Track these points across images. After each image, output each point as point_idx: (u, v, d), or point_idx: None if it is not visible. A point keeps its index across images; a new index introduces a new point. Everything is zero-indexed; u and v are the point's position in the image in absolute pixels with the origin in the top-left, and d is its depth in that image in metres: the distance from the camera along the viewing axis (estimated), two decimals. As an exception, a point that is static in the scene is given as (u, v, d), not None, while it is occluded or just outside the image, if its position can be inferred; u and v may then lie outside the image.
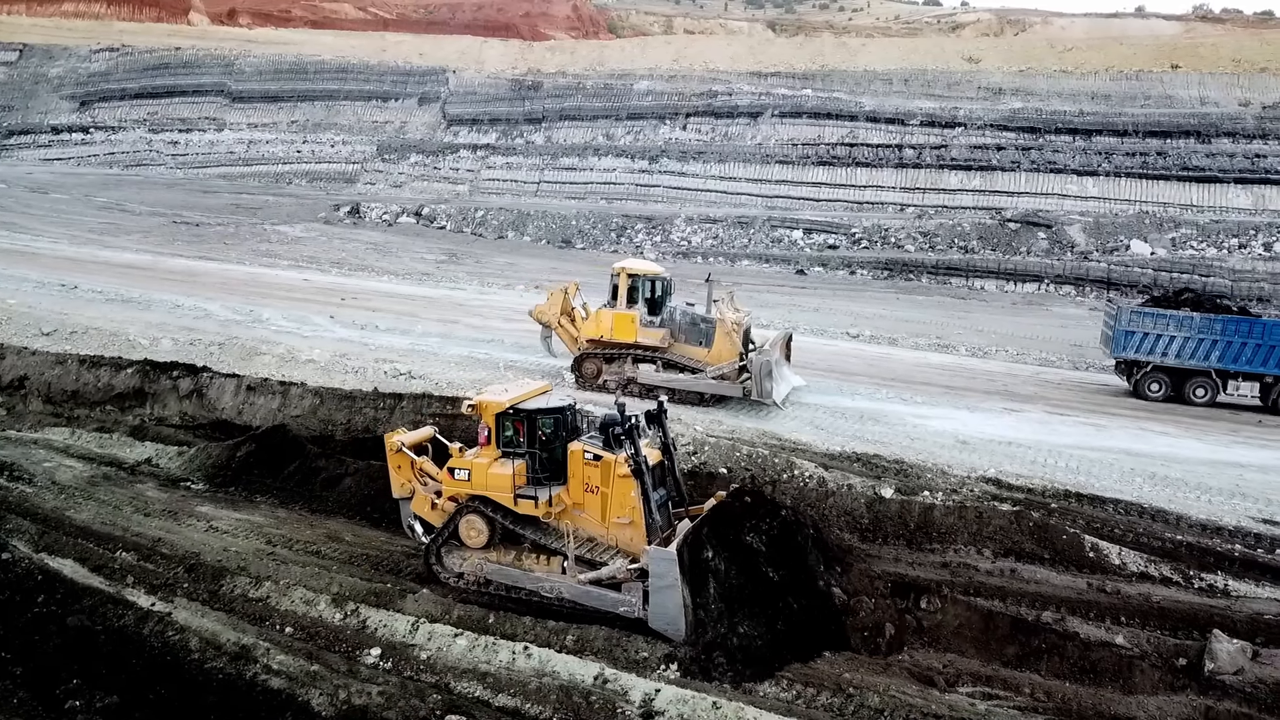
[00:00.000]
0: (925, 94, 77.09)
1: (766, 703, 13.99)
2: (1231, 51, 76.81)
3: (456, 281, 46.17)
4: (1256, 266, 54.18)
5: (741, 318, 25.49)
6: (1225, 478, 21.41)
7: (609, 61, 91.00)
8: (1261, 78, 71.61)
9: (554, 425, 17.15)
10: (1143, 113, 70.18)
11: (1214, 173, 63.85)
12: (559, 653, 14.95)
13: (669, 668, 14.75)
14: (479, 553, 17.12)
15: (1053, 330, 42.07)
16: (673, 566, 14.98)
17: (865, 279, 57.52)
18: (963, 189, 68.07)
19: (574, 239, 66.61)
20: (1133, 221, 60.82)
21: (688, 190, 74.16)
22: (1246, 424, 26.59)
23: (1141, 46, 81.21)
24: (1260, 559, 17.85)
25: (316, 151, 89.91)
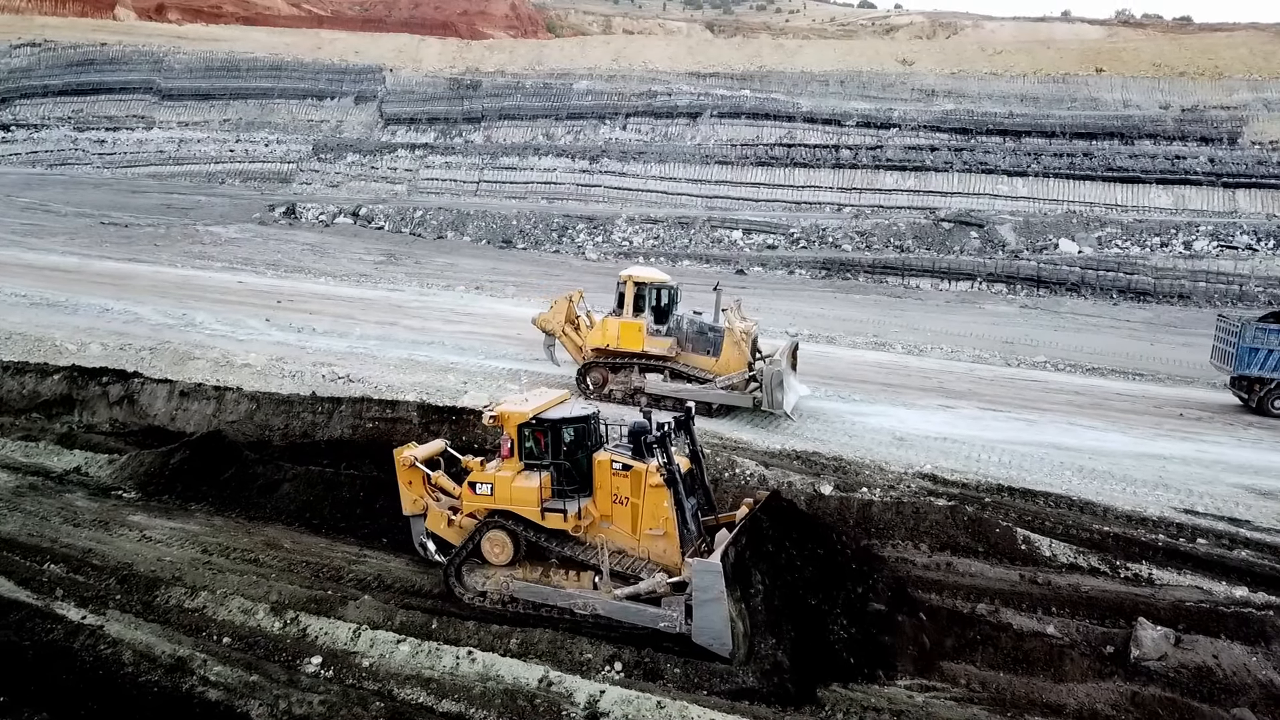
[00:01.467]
0: (861, 95, 78.31)
1: (710, 701, 14.13)
2: (1152, 56, 79.38)
3: (395, 283, 45.68)
4: (1177, 264, 56.05)
5: (749, 326, 25.03)
6: (1149, 470, 22.12)
7: (548, 61, 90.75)
8: (1180, 81, 74.15)
9: (579, 435, 16.61)
10: (1069, 115, 72.21)
11: (1137, 173, 65.94)
12: (503, 656, 14.93)
13: (613, 668, 14.82)
14: (503, 570, 16.56)
15: (985, 327, 43.04)
16: (718, 579, 14.41)
17: (804, 278, 58.23)
18: (898, 189, 69.29)
19: (515, 239, 66.30)
20: (1061, 221, 62.50)
21: (629, 190, 74.30)
22: (1169, 417, 27.51)
23: (1067, 50, 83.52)
24: (1182, 548, 18.47)
25: (250, 151, 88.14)
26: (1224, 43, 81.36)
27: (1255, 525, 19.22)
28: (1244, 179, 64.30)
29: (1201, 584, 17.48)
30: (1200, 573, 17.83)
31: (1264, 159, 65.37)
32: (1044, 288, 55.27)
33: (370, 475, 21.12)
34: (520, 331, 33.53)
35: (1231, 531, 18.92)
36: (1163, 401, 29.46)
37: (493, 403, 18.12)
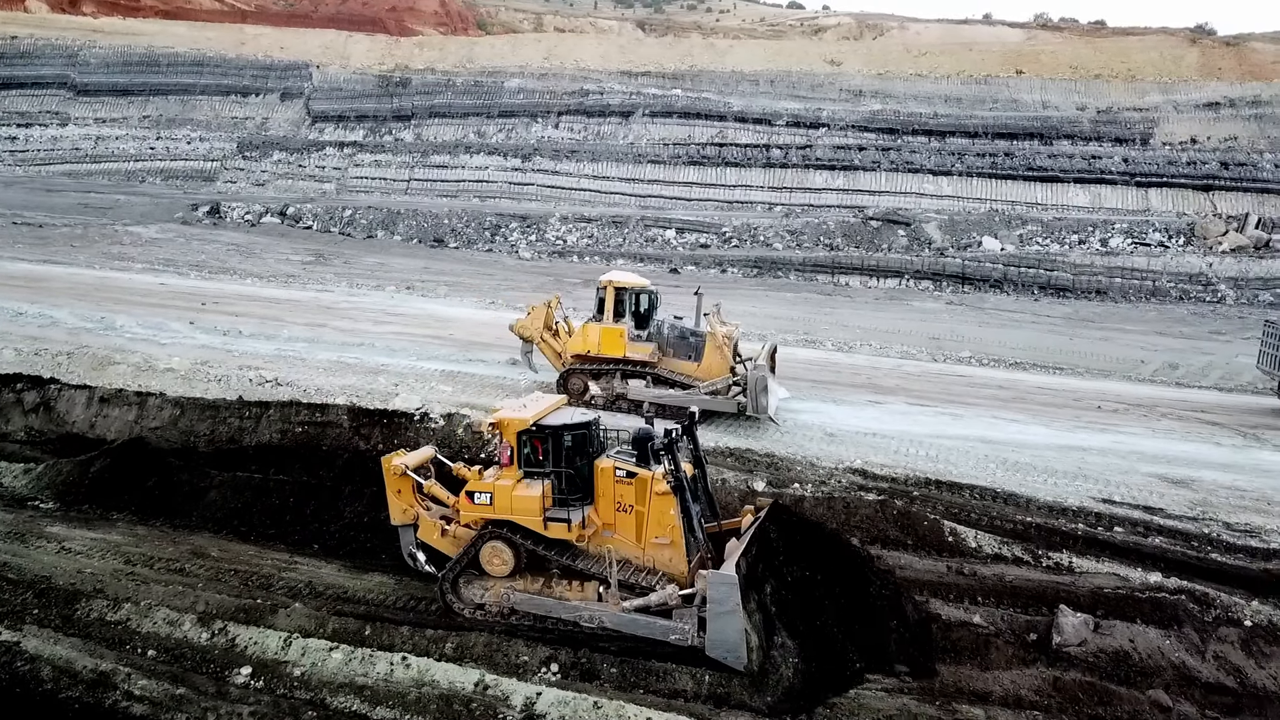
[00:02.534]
0: (790, 95, 79.27)
1: (647, 700, 14.23)
2: (1069, 58, 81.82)
3: (324, 283, 44.88)
4: (1094, 261, 57.91)
5: (731, 330, 24.85)
6: (1069, 461, 22.82)
7: (479, 59, 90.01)
8: (1096, 84, 76.60)
9: (580, 441, 16.17)
10: (991, 115, 74.10)
11: (1055, 173, 67.98)
12: (438, 661, 14.85)
13: (550, 670, 14.83)
14: (503, 581, 16.15)
15: (913, 324, 43.93)
16: (734, 591, 14.23)
17: (736, 277, 58.74)
18: (827, 188, 70.32)
19: (447, 238, 65.66)
20: (984, 219, 64.09)
21: (562, 189, 74.16)
22: (1088, 410, 28.41)
23: (989, 52, 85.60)
24: (1100, 536, 19.12)
25: (172, 148, 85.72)
26: (1136, 46, 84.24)
27: (1168, 513, 19.96)
28: (1155, 178, 66.72)
29: (1119, 571, 18.12)
30: (1117, 560, 18.49)
31: (1174, 159, 67.90)
32: (968, 284, 56.66)
33: (300, 480, 20.77)
34: (453, 332, 33.31)
35: (1146, 519, 19.63)
36: (1082, 394, 30.40)
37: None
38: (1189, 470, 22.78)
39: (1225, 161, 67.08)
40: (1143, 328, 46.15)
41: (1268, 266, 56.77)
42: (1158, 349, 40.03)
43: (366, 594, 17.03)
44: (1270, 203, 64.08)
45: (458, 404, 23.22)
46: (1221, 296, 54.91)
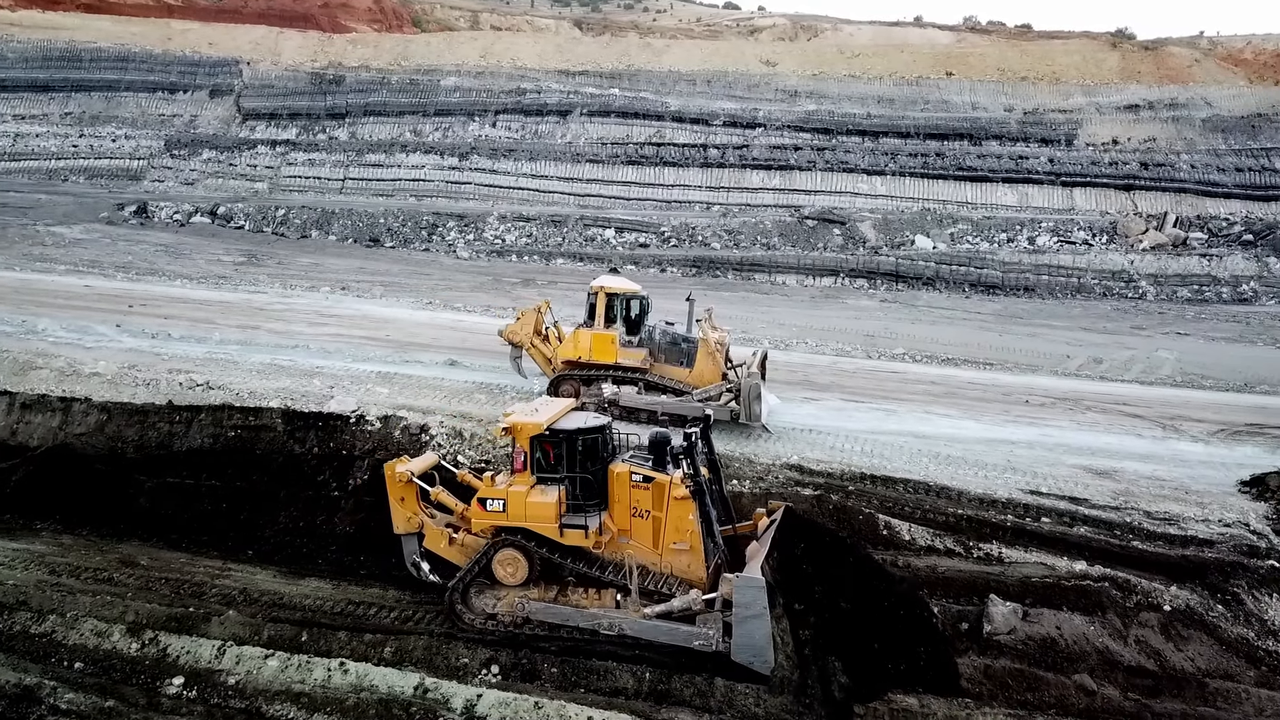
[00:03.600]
0: (727, 95, 79.83)
1: (588, 699, 14.30)
2: (996, 61, 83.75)
3: (257, 284, 44.02)
4: (1022, 259, 59.39)
5: (723, 336, 24.74)
6: (999, 454, 23.46)
7: (414, 56, 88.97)
8: (1023, 85, 78.54)
9: (595, 446, 15.91)
10: (923, 116, 75.49)
11: (985, 173, 69.53)
12: (377, 665, 14.76)
13: (490, 672, 14.82)
14: (516, 591, 15.77)
15: (848, 321, 44.60)
16: (761, 594, 14.06)
17: (675, 276, 59.01)
18: (764, 188, 71.00)
19: (383, 237, 64.84)
20: (916, 218, 65.31)
21: (500, 188, 73.69)
22: (1016, 404, 29.19)
23: (920, 54, 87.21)
24: (1028, 527, 19.72)
25: (96, 146, 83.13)
26: (1060, 50, 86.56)
27: (1092, 503, 20.67)
28: (1080, 178, 68.66)
29: (1046, 560, 18.71)
30: (1044, 550, 19.10)
31: (1097, 159, 69.93)
32: (902, 282, 57.69)
33: (234, 486, 20.42)
34: (389, 333, 32.96)
35: (1072, 510, 20.31)
36: (1011, 389, 31.21)
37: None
38: (1112, 461, 23.58)
39: (1145, 162, 69.29)
40: (1068, 323, 47.51)
41: (1185, 264, 58.83)
42: (1083, 344, 41.25)
43: (303, 600, 16.81)
44: (1187, 202, 66.39)
45: (395, 405, 23.01)
46: (1143, 293, 56.74)
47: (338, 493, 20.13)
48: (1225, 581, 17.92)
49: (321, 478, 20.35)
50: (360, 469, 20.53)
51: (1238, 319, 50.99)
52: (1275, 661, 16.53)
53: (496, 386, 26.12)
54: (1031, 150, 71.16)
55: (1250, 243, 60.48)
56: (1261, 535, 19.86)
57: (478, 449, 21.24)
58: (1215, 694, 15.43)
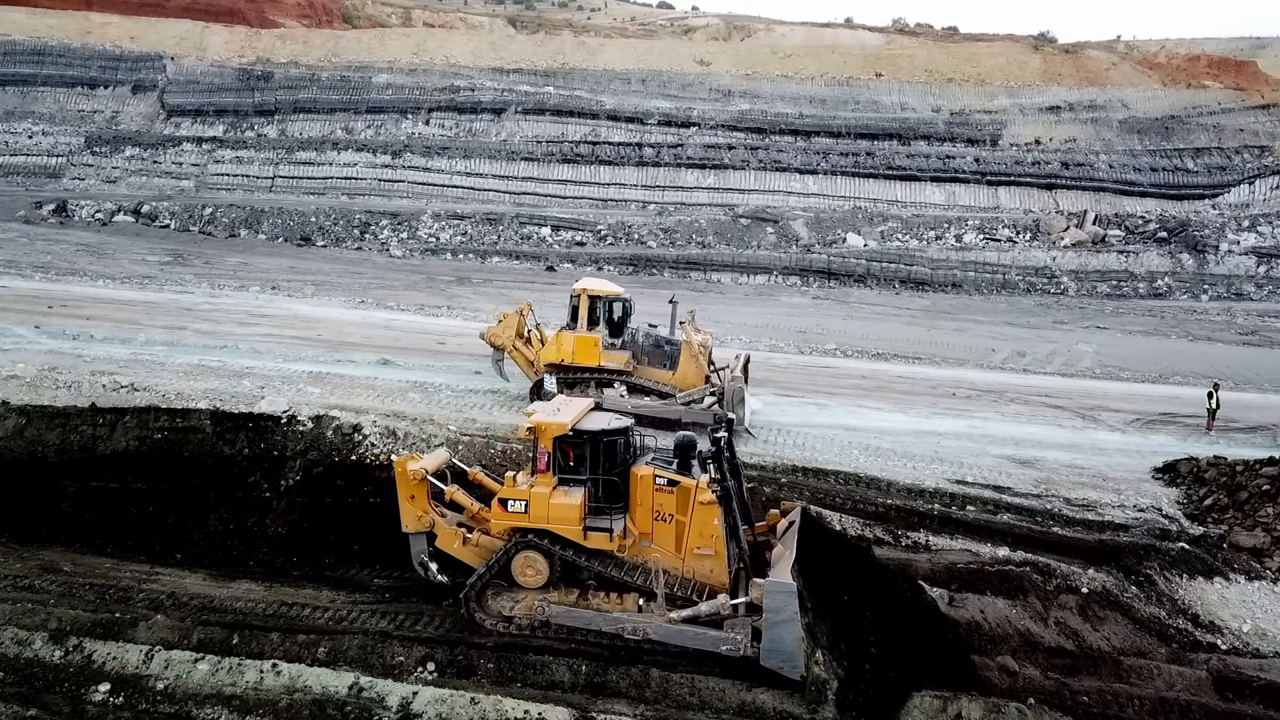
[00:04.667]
0: (661, 94, 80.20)
1: (524, 693, 14.37)
2: (924, 62, 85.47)
3: (183, 284, 43.04)
4: (950, 255, 60.88)
5: (705, 338, 24.67)
6: (926, 445, 24.07)
7: (345, 52, 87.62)
8: (950, 87, 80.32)
9: (619, 448, 15.68)
10: (853, 116, 76.75)
11: (913, 172, 71.06)
12: (311, 666, 14.65)
13: (426, 669, 14.81)
14: (536, 594, 15.49)
15: (781, 318, 45.23)
16: (792, 600, 13.97)
17: (612, 274, 59.15)
18: (699, 186, 71.56)
19: (314, 236, 63.86)
20: (848, 216, 66.46)
21: (434, 186, 73.07)
22: (944, 397, 29.97)
23: (851, 55, 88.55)
24: (954, 515, 20.28)
25: (11, 143, 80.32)
26: (985, 52, 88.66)
27: (1015, 491, 21.35)
28: (1004, 177, 70.55)
29: (971, 547, 19.26)
30: (969, 537, 19.64)
31: (1020, 159, 71.91)
32: (834, 279, 58.71)
33: (161, 489, 20.01)
34: (320, 333, 32.55)
35: (996, 498, 20.94)
36: (938, 383, 32.02)
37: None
38: (1034, 451, 24.37)
39: (1066, 162, 71.45)
40: (994, 318, 48.83)
41: (1104, 260, 60.88)
42: (1007, 338, 42.47)
43: (234, 602, 16.59)
44: (1106, 201, 68.65)
45: (327, 405, 22.74)
46: (1064, 288, 58.58)
47: (269, 494, 19.87)
48: (1139, 564, 18.65)
49: (252, 479, 20.07)
50: (292, 470, 20.29)
51: (1153, 313, 52.95)
52: (1185, 639, 17.27)
53: (430, 385, 25.97)
54: (958, 150, 72.86)
55: (1164, 240, 62.80)
56: (1173, 519, 20.76)
57: (411, 448, 21.09)
58: (1129, 671, 16.07)
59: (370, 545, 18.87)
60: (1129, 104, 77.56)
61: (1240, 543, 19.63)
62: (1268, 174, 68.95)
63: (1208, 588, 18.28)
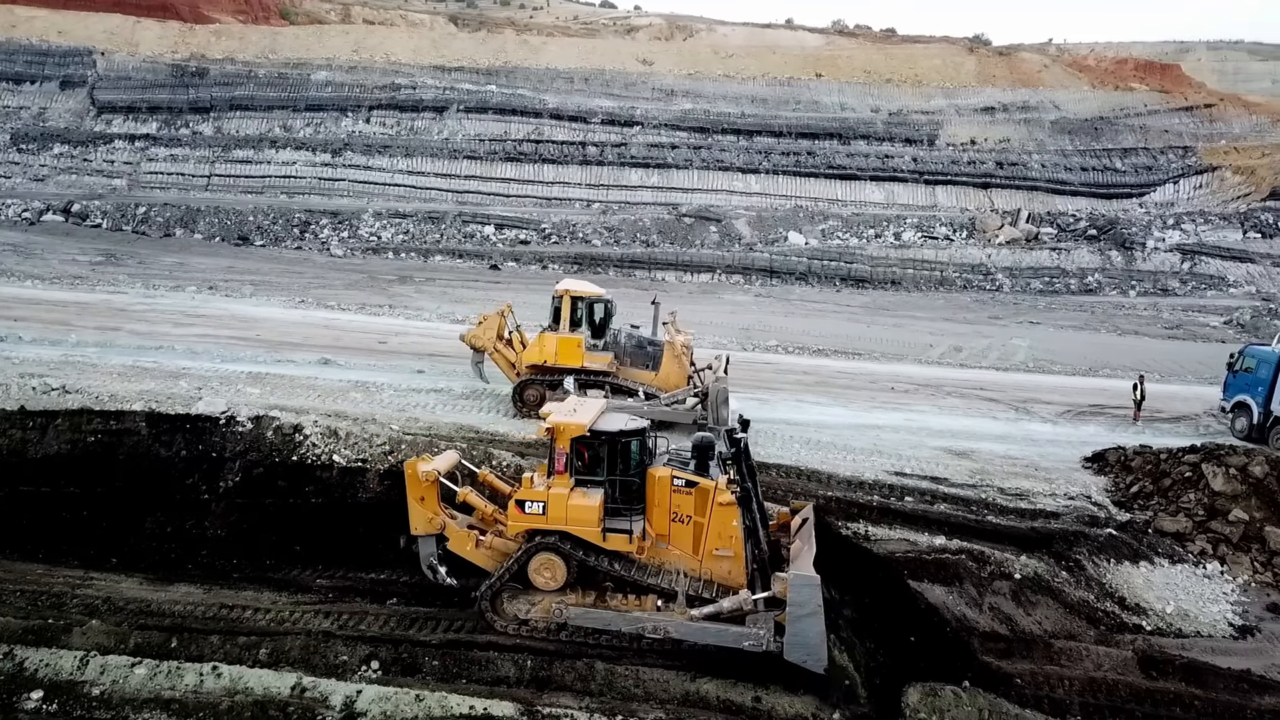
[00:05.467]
0: (605, 93, 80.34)
1: (469, 689, 14.39)
2: (863, 63, 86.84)
3: (117, 285, 42.01)
4: (889, 253, 61.99)
5: (688, 339, 24.63)
6: (866, 439, 24.51)
7: (283, 49, 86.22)
8: (888, 88, 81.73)
9: (638, 449, 15.51)
10: (794, 116, 77.72)
11: (853, 171, 72.20)
12: (252, 668, 14.51)
13: (370, 667, 14.75)
14: (553, 596, 15.25)
15: (724, 316, 45.62)
16: (816, 593, 13.97)
17: (556, 273, 59.07)
18: (643, 185, 71.87)
19: (252, 235, 62.80)
20: (790, 215, 67.28)
21: (375, 185, 72.32)
22: (882, 391, 30.54)
23: (791, 56, 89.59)
24: (893, 506, 20.68)
25: (-70, 140, 77.69)
26: (922, 54, 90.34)
27: (951, 482, 21.86)
28: (941, 176, 72.06)
29: (909, 536, 19.68)
30: (907, 527, 20.06)
31: (956, 159, 73.49)
32: (776, 277, 59.40)
33: (95, 492, 19.58)
34: (259, 333, 32.08)
35: (933, 489, 21.40)
36: (878, 377, 32.63)
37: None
38: (970, 443, 24.97)
39: (1000, 161, 73.21)
40: (931, 314, 49.85)
41: (1037, 257, 62.49)
42: (944, 334, 43.39)
43: (172, 605, 16.34)
44: (1038, 199, 70.47)
45: (266, 406, 22.41)
46: (999, 285, 59.99)
47: (208, 496, 19.55)
48: (1069, 550, 19.25)
49: (190, 481, 19.72)
50: (231, 471, 19.98)
51: (1084, 308, 54.50)
52: (1113, 621, 17.88)
53: (372, 385, 25.74)
54: (897, 150, 74.17)
55: (1094, 237, 64.63)
56: (1101, 506, 21.45)
57: (354, 448, 20.93)
58: (1060, 653, 16.59)
59: (312, 546, 18.71)
60: (1060, 105, 79.69)
61: (1164, 528, 20.36)
62: (1191, 174, 71.40)
63: (1134, 572, 18.93)
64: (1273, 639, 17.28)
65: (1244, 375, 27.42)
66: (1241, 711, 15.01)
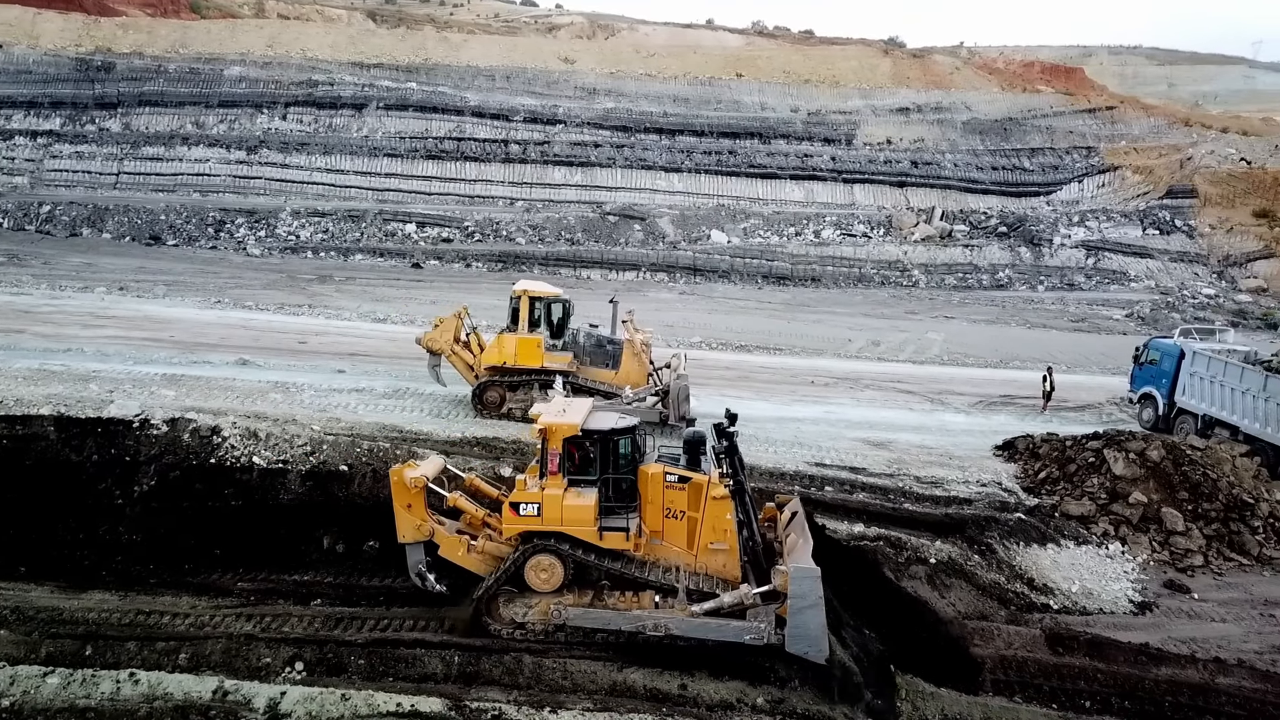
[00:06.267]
0: (527, 91, 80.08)
1: (396, 687, 14.36)
2: (782, 64, 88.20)
3: (20, 286, 40.46)
4: (809, 251, 63.12)
5: (647, 338, 24.63)
6: (787, 431, 25.02)
7: (194, 44, 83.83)
8: (806, 88, 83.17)
9: (629, 447, 15.51)
10: (716, 115, 78.57)
11: (774, 170, 73.33)
12: (171, 673, 14.24)
13: (295, 669, 14.60)
14: (550, 597, 15.15)
15: (649, 313, 45.65)
16: (817, 585, 14.03)
17: (480, 271, 58.82)
18: (566, 184, 71.86)
19: (164, 235, 61.01)
20: (712, 213, 68.00)
21: (293, 183, 70.90)
22: (803, 385, 31.18)
23: (712, 56, 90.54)
24: (814, 496, 21.11)
25: None
26: (839, 55, 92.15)
27: (870, 472, 22.48)
28: (859, 175, 73.65)
29: (829, 524, 20.16)
30: (828, 515, 20.53)
31: (874, 158, 75.18)
32: (699, 275, 60.01)
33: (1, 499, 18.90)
34: (174, 334, 31.30)
35: (852, 479, 21.97)
36: (798, 371, 33.31)
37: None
38: (887, 433, 25.68)
39: (915, 160, 75.12)
40: (850, 310, 50.98)
41: (950, 254, 64.31)
42: (862, 328, 44.44)
43: (85, 613, 15.88)
44: (952, 198, 72.50)
45: (182, 408, 21.90)
46: (915, 281, 61.57)
47: (122, 500, 19.05)
48: (981, 534, 19.97)
49: (103, 486, 19.18)
50: (146, 475, 19.50)
51: (995, 303, 56.31)
52: (1022, 601, 18.62)
53: (293, 385, 25.34)
54: (816, 149, 75.54)
55: (1005, 234, 66.77)
56: (1011, 492, 22.31)
57: (274, 449, 20.62)
58: (973, 633, 17.23)
59: (233, 549, 18.38)
60: (971, 106, 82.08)
61: (1070, 511, 21.28)
62: (1094, 173, 74.25)
63: (1041, 554, 19.73)
64: (1169, 614, 18.21)
65: (1149, 368, 28.68)
66: (1140, 682, 15.79)
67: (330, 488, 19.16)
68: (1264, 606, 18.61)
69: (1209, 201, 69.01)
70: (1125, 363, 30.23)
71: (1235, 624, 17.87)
